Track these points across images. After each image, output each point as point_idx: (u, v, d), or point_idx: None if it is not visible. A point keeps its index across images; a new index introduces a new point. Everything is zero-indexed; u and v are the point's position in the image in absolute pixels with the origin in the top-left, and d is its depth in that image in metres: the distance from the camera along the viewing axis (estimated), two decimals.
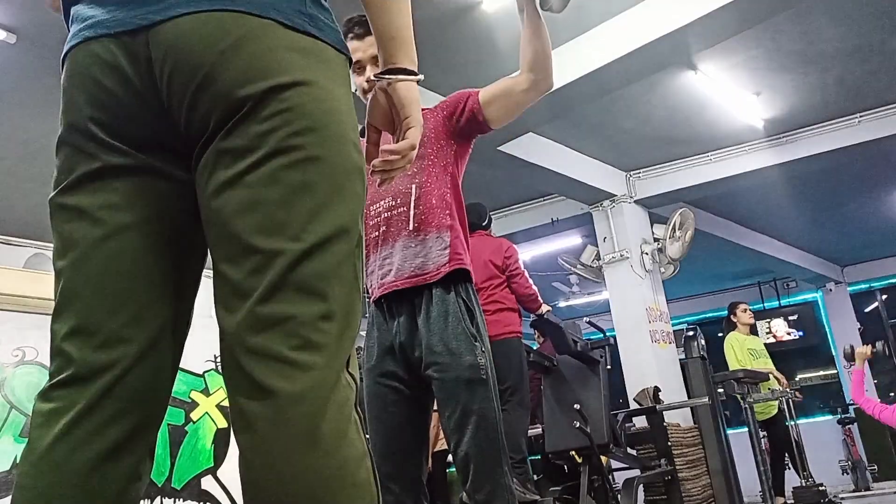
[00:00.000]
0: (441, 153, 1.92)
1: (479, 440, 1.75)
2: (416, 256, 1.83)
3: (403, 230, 1.86)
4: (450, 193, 1.90)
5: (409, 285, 1.83)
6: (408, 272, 1.83)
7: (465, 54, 4.38)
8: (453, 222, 1.87)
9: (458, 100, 1.93)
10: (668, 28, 3.93)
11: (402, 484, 1.83)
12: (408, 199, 1.86)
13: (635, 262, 6.18)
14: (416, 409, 1.87)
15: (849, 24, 4.47)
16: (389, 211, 1.89)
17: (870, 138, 5.63)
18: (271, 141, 0.85)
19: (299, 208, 0.85)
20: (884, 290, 10.10)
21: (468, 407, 1.75)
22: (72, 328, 0.90)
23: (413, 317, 1.84)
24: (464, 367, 1.76)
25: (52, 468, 0.85)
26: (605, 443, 3.96)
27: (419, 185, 1.87)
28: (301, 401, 0.81)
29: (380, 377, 1.88)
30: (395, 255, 1.86)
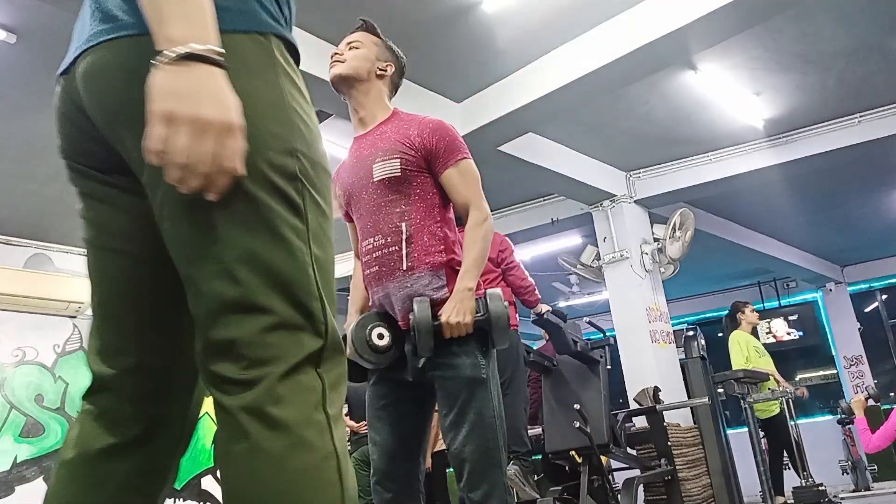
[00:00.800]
0: (425, 185, 1.91)
1: (475, 439, 1.75)
2: (415, 294, 1.84)
3: (397, 270, 1.85)
4: (440, 226, 1.89)
5: (408, 327, 1.84)
6: (408, 310, 1.84)
7: (465, 54, 4.38)
8: (450, 256, 1.88)
9: (437, 150, 1.91)
10: (668, 28, 3.93)
11: (399, 483, 1.84)
12: (398, 237, 1.86)
13: (635, 262, 6.18)
14: (416, 408, 1.87)
15: (849, 24, 4.47)
16: (380, 249, 1.88)
17: (870, 138, 5.62)
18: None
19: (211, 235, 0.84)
20: (884, 290, 10.10)
21: (466, 406, 1.76)
22: (89, 345, 1.03)
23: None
24: (465, 367, 1.77)
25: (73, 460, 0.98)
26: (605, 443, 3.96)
27: (409, 223, 1.86)
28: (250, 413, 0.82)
29: (383, 379, 1.88)
30: (391, 297, 1.87)
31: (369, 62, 2.01)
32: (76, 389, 6.56)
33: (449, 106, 4.84)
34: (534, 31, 4.20)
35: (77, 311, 6.64)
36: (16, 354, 6.31)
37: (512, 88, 4.61)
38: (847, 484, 7.92)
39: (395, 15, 3.91)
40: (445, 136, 1.92)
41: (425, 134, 1.91)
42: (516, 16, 4.03)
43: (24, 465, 6.05)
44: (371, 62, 2.01)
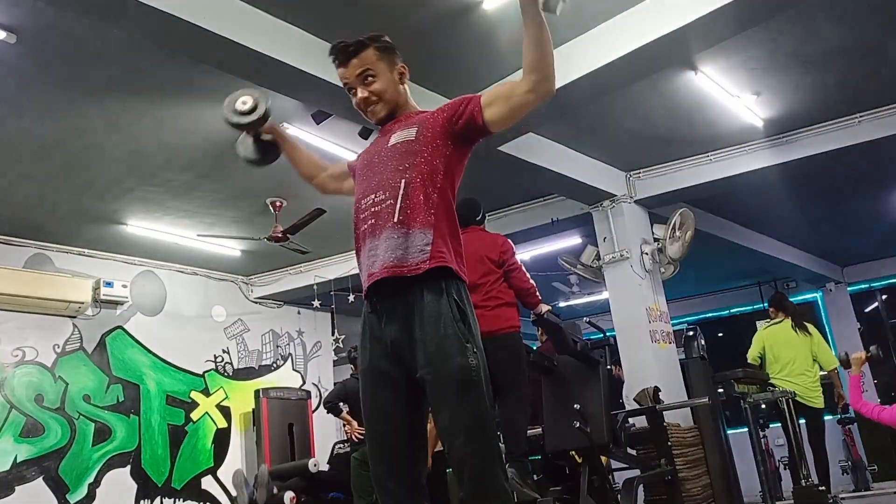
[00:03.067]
0: (435, 153, 1.92)
1: (473, 442, 1.73)
2: (398, 248, 1.83)
3: (389, 222, 1.86)
4: (437, 194, 1.89)
5: (388, 274, 1.83)
6: (389, 262, 1.83)
7: (465, 54, 4.38)
8: (438, 223, 1.86)
9: (460, 102, 1.94)
10: (668, 28, 3.92)
11: (400, 485, 1.83)
12: (396, 192, 1.87)
13: (635, 262, 6.17)
14: (412, 409, 1.85)
15: (849, 24, 4.47)
16: (378, 204, 1.90)
17: (870, 138, 5.62)
18: None
19: None
20: (884, 291, 10.10)
21: (460, 409, 1.74)
22: None
23: (405, 316, 1.83)
24: (455, 369, 1.75)
25: None
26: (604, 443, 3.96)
27: (408, 180, 1.88)
28: None
29: (375, 378, 1.88)
30: (379, 247, 1.87)
31: (391, 83, 2.02)
32: (76, 389, 6.57)
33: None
34: None
35: (77, 311, 6.64)
36: (16, 354, 6.31)
37: None
38: (847, 484, 7.92)
39: (395, 15, 3.91)
40: (461, 98, 1.96)
41: (445, 105, 1.97)
42: (516, 16, 4.02)
43: (24, 466, 6.06)
44: (393, 82, 2.03)
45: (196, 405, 7.53)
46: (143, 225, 6.48)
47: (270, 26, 3.84)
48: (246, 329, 8.22)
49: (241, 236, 6.69)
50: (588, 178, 5.97)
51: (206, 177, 5.68)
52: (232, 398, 7.82)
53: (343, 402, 6.11)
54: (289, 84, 4.11)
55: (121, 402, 6.85)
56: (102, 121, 4.72)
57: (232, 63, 3.87)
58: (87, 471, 6.45)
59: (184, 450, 7.28)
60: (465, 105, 1.92)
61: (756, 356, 5.89)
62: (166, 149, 5.18)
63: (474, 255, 3.72)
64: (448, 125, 1.93)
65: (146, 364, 7.18)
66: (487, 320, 3.35)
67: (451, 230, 1.91)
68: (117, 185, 5.67)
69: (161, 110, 4.68)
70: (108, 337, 6.95)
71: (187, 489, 7.20)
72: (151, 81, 4.35)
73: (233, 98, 2.24)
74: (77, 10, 3.43)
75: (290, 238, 6.32)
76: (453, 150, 1.94)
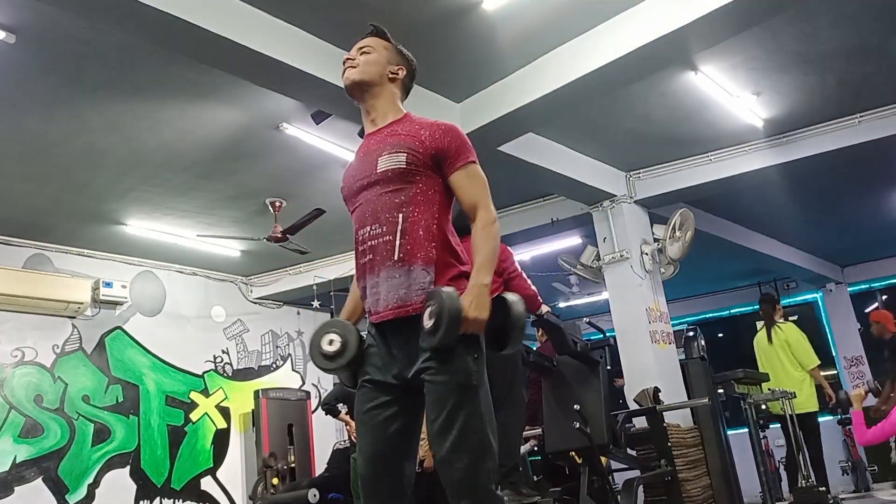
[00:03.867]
0: (429, 183, 1.91)
1: (463, 446, 1.71)
2: (400, 287, 1.82)
3: (388, 260, 1.85)
4: (436, 225, 1.88)
5: (392, 316, 1.83)
6: (392, 303, 1.83)
7: (465, 54, 4.38)
8: (440, 255, 1.86)
9: (448, 151, 1.92)
10: (668, 28, 3.92)
11: (387, 488, 1.81)
12: (394, 227, 1.85)
13: (635, 263, 6.17)
14: (405, 414, 1.84)
15: (849, 24, 4.47)
16: (375, 238, 1.88)
17: (870, 138, 5.62)
18: None
19: None
20: (884, 291, 10.09)
21: (455, 412, 1.72)
22: None
23: (411, 348, 1.81)
24: (455, 373, 1.75)
25: None
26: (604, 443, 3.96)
27: (406, 215, 1.86)
28: None
29: (368, 382, 1.87)
30: (380, 285, 1.86)
31: (381, 66, 2.04)
32: (75, 390, 6.56)
33: (449, 106, 4.84)
34: (534, 31, 4.20)
35: (76, 311, 6.63)
36: (15, 355, 6.30)
37: (512, 88, 4.60)
38: (847, 485, 7.93)
39: (395, 15, 3.91)
40: (457, 138, 1.94)
41: (437, 135, 1.93)
42: (516, 16, 4.03)
43: (24, 466, 6.05)
44: (383, 66, 2.04)
45: (195, 406, 7.53)
46: (143, 225, 6.48)
47: (270, 26, 3.84)
48: (245, 329, 8.21)
49: (241, 236, 6.69)
50: (588, 178, 5.97)
51: (205, 177, 5.68)
52: (231, 399, 7.82)
53: (341, 402, 6.10)
54: (289, 84, 4.11)
55: (120, 403, 6.85)
56: (102, 121, 4.72)
57: (232, 63, 3.86)
58: (87, 471, 6.44)
59: (183, 450, 7.27)
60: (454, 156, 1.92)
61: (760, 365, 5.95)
62: (166, 149, 5.18)
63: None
64: (437, 161, 1.91)
65: (145, 364, 7.17)
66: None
67: (453, 255, 1.91)
68: (117, 185, 5.67)
69: (161, 110, 4.68)
70: (108, 337, 6.94)
71: (187, 490, 7.19)
72: (151, 81, 4.34)
73: (315, 341, 1.96)
74: (77, 10, 3.42)
75: (290, 238, 6.31)
76: (444, 181, 1.94)
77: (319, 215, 5.96)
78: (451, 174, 1.92)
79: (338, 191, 2.13)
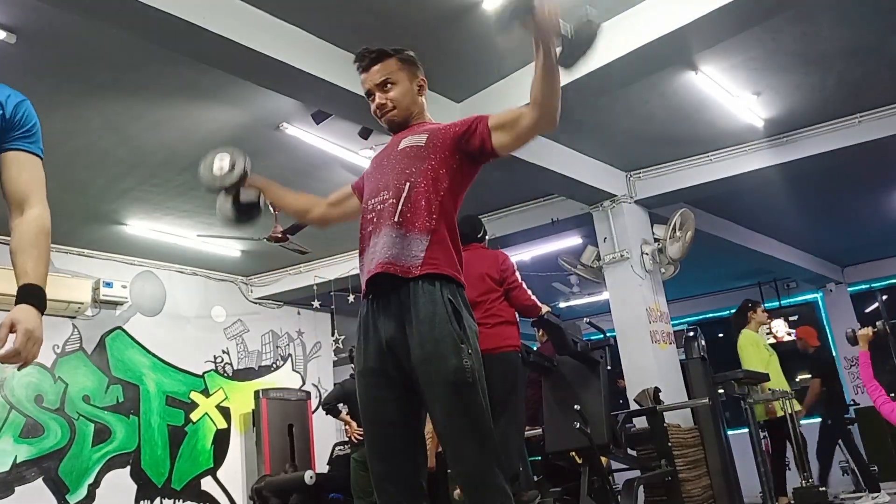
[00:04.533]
0: (442, 163, 1.94)
1: (469, 443, 1.73)
2: (394, 246, 1.85)
3: (388, 220, 1.88)
4: (439, 202, 1.90)
5: (382, 270, 1.84)
6: (384, 258, 1.85)
7: (465, 54, 4.38)
8: (437, 228, 1.87)
9: (472, 121, 1.96)
10: (668, 28, 3.92)
11: (398, 484, 1.82)
12: (399, 193, 1.90)
13: (635, 263, 6.17)
14: (409, 408, 1.85)
15: (849, 24, 4.47)
16: (382, 203, 1.92)
17: (870, 138, 5.62)
18: None
19: None
20: (884, 291, 10.09)
21: (455, 410, 1.74)
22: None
23: (399, 314, 1.83)
24: (449, 370, 1.75)
25: None
26: (605, 443, 3.96)
27: (413, 184, 1.90)
28: None
29: (371, 378, 1.87)
30: (378, 244, 1.89)
31: (409, 91, 2.07)
32: (75, 390, 6.56)
33: (449, 106, 4.84)
34: None
35: (76, 311, 6.63)
36: None
37: (512, 88, 4.60)
38: (847, 485, 7.92)
39: (395, 15, 3.91)
40: (474, 117, 1.99)
41: (457, 122, 2.00)
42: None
43: (24, 466, 6.05)
44: (411, 92, 2.07)
45: (196, 406, 7.53)
46: (143, 225, 6.48)
47: (270, 26, 3.84)
48: (246, 329, 8.21)
49: (241, 236, 6.69)
50: (588, 178, 5.97)
51: None
52: (232, 399, 7.82)
53: (342, 403, 6.11)
54: (289, 84, 4.11)
55: (120, 403, 6.85)
56: (102, 121, 4.72)
57: (232, 63, 3.86)
58: (87, 471, 6.44)
59: (183, 450, 7.27)
60: (476, 125, 1.94)
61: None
62: (166, 149, 5.18)
63: (475, 272, 3.68)
64: (458, 140, 1.95)
65: (146, 364, 7.17)
66: (487, 338, 3.31)
67: (452, 238, 1.91)
68: (117, 185, 5.67)
69: (161, 110, 4.68)
70: (108, 337, 6.94)
71: (187, 490, 7.19)
72: (151, 81, 4.34)
73: (207, 162, 2.19)
74: (77, 10, 3.43)
75: (290, 238, 6.31)
76: (460, 166, 1.96)
77: None
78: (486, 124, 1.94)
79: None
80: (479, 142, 1.92)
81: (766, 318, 5.98)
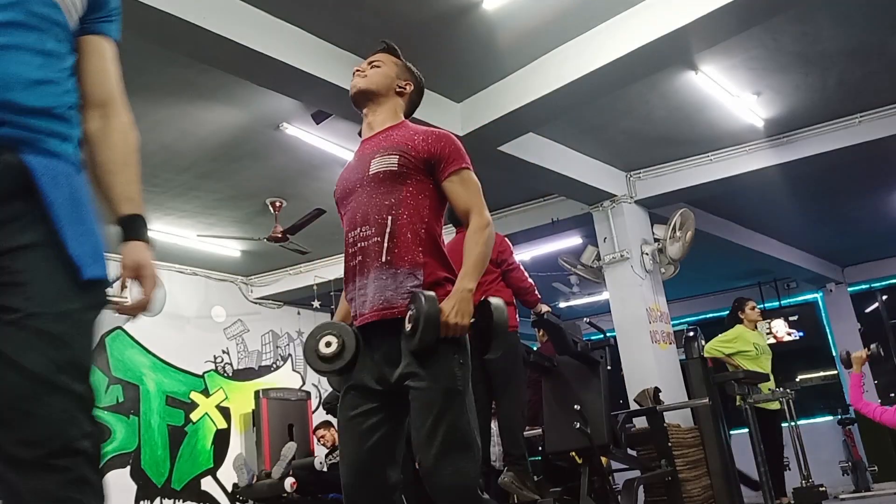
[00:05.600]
0: (420, 186, 1.92)
1: (450, 452, 1.71)
2: (386, 289, 1.83)
3: (376, 262, 1.86)
4: (424, 230, 1.89)
5: (377, 318, 1.83)
6: (378, 305, 1.83)
7: (465, 54, 4.38)
8: (427, 259, 1.86)
9: (446, 156, 1.94)
10: (668, 28, 3.92)
11: (371, 498, 1.80)
12: (382, 230, 1.87)
13: (635, 263, 6.17)
14: (388, 421, 1.83)
15: (849, 24, 4.47)
16: (365, 240, 1.89)
17: (870, 138, 5.62)
18: None
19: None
20: (884, 291, 10.08)
21: (440, 417, 1.72)
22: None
23: (393, 350, 1.82)
24: (441, 378, 1.75)
25: None
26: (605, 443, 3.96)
27: (395, 217, 1.87)
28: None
29: (352, 388, 1.86)
30: (368, 287, 1.86)
31: (389, 79, 2.08)
32: None
33: (449, 106, 4.84)
34: (534, 31, 4.20)
35: None
36: None
37: (512, 88, 4.61)
38: (847, 485, 7.92)
39: (394, 15, 3.91)
40: (450, 144, 1.96)
41: (430, 140, 1.95)
42: (516, 16, 4.03)
43: None
44: (391, 79, 2.08)
45: (196, 406, 7.53)
46: None
47: (270, 26, 3.84)
48: (246, 329, 8.21)
49: (241, 237, 6.69)
50: (588, 178, 5.97)
51: (205, 177, 5.68)
52: (232, 399, 7.81)
53: None
54: (289, 84, 4.11)
55: (120, 403, 6.84)
56: None
57: (232, 63, 3.86)
58: None
59: (183, 450, 7.27)
60: (449, 165, 1.93)
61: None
62: (166, 149, 5.17)
63: None
64: (430, 166, 1.93)
65: (146, 364, 7.17)
66: None
67: (442, 263, 1.91)
68: None
69: (161, 110, 4.68)
70: (108, 337, 6.94)
71: (187, 490, 7.19)
72: (151, 81, 4.34)
73: (310, 345, 1.92)
74: None
75: (290, 238, 6.31)
76: (435, 186, 1.95)
77: (319, 215, 5.96)
78: (445, 179, 1.93)
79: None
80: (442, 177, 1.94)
81: (757, 315, 5.96)
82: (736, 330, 5.81)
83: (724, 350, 5.63)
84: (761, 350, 5.80)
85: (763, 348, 5.85)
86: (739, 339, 5.72)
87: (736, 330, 5.81)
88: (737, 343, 5.69)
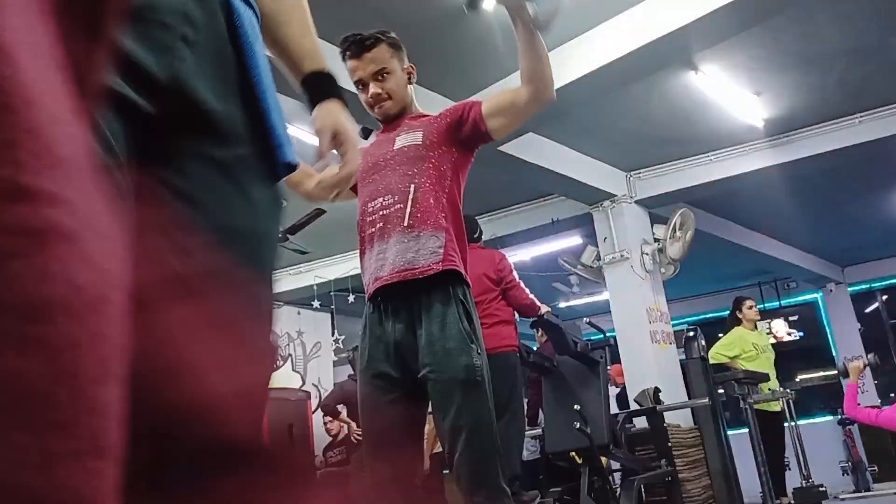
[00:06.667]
0: (442, 158, 1.94)
1: (474, 442, 1.75)
2: (408, 251, 1.84)
3: (398, 226, 1.87)
4: (446, 199, 1.91)
5: (398, 279, 1.83)
6: (399, 266, 1.84)
7: (465, 54, 4.38)
8: (448, 225, 1.89)
9: (462, 108, 1.97)
10: (668, 28, 3.92)
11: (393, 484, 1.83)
12: (405, 196, 1.88)
13: (635, 263, 6.17)
14: (409, 410, 1.86)
15: (849, 24, 4.47)
16: (386, 208, 1.91)
17: (870, 138, 5.62)
18: None
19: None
20: (884, 291, 10.08)
21: (463, 409, 1.75)
22: None
23: (410, 317, 1.84)
24: (459, 369, 1.76)
25: None
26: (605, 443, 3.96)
27: (418, 185, 1.90)
28: None
29: (373, 378, 1.88)
30: (388, 251, 1.87)
31: (402, 80, 2.05)
32: None
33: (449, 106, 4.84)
34: None
35: None
36: None
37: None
38: (847, 485, 7.92)
39: (395, 15, 3.90)
40: (461, 103, 2.02)
41: (446, 112, 2.01)
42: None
43: None
44: (404, 81, 2.06)
45: None
46: None
47: None
48: None
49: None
50: (588, 178, 5.97)
51: None
52: None
53: (341, 404, 6.10)
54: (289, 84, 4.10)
55: None
56: None
57: None
58: None
59: None
60: (468, 111, 1.94)
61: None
62: None
63: (473, 273, 3.64)
64: (452, 131, 1.95)
65: None
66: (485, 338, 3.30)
67: (459, 234, 1.93)
68: None
69: None
70: None
71: None
72: None
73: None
74: None
75: (290, 238, 6.31)
76: (458, 156, 1.97)
77: (319, 215, 5.96)
78: (483, 113, 1.93)
79: None
80: (471, 128, 1.94)
81: (755, 314, 5.97)
82: (734, 333, 5.81)
83: (727, 355, 5.64)
84: (761, 349, 5.80)
85: (763, 347, 5.85)
86: (738, 341, 5.73)
87: (734, 333, 5.81)
88: (735, 347, 5.70)
